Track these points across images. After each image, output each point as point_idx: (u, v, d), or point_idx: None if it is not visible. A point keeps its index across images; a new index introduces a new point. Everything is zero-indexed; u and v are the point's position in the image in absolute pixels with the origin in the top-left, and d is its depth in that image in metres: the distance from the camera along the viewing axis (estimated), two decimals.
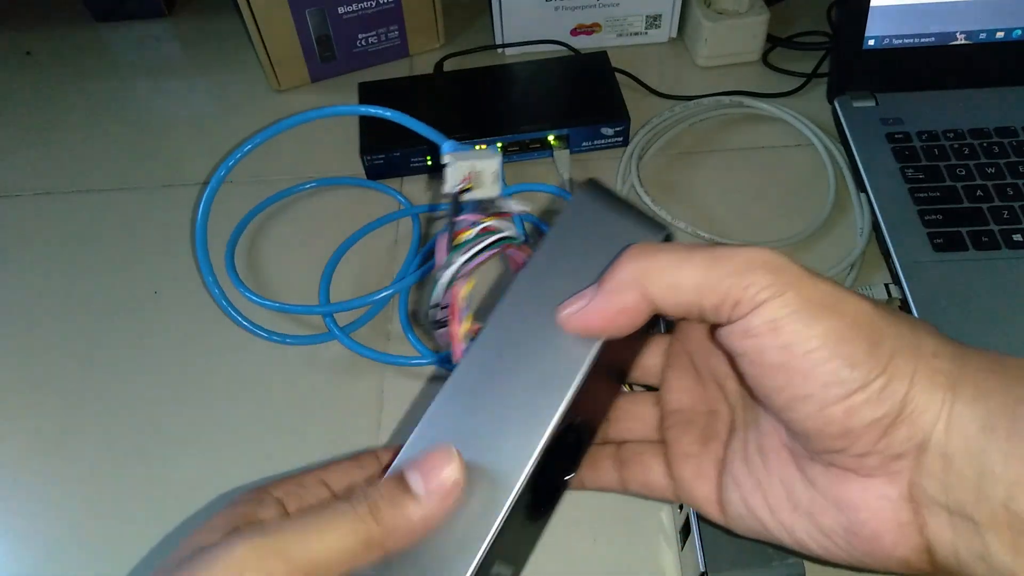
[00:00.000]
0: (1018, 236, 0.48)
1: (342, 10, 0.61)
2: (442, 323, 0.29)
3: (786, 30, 0.66)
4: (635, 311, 0.25)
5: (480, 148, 0.33)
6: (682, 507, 0.37)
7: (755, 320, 0.23)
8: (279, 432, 0.44)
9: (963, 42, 0.56)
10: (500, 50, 0.66)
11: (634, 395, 0.34)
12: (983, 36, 0.55)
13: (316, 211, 0.56)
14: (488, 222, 0.30)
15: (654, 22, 0.65)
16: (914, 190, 0.51)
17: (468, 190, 0.32)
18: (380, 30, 0.64)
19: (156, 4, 0.73)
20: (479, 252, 0.29)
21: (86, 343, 0.49)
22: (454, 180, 0.32)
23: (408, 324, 0.48)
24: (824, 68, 0.62)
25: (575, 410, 0.26)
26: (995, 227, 0.48)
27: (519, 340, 0.26)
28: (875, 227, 0.50)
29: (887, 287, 0.47)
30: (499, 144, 0.56)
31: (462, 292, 0.29)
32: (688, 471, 0.30)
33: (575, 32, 0.65)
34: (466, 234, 0.30)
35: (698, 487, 0.29)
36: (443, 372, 0.46)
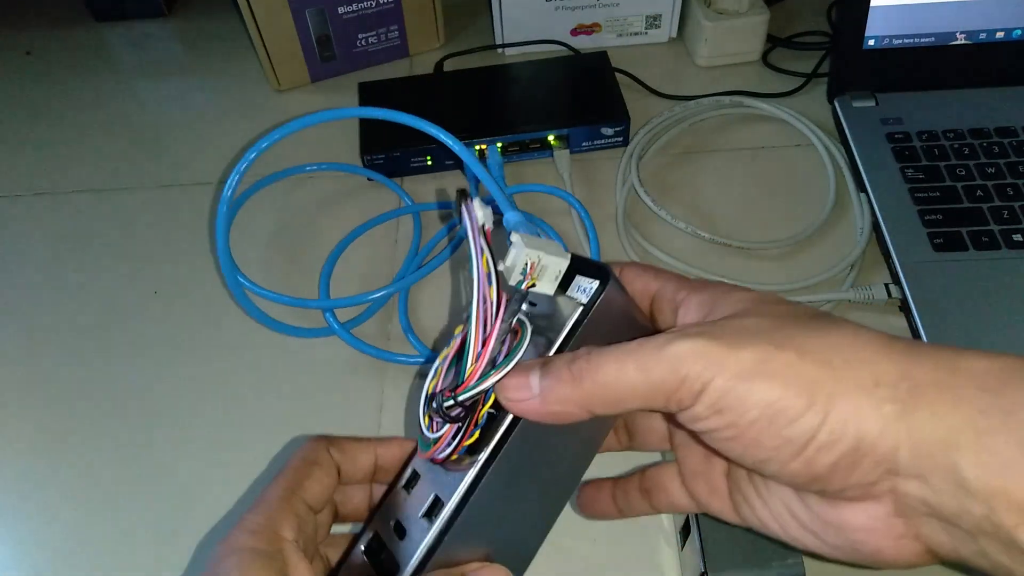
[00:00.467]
0: (1018, 236, 0.48)
1: (342, 10, 0.61)
2: (457, 418, 0.26)
3: (786, 30, 0.66)
4: (577, 418, 0.26)
5: (548, 239, 0.28)
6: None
7: (699, 408, 0.24)
8: (280, 428, 0.44)
9: (963, 42, 0.56)
10: (500, 50, 0.66)
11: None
12: (983, 36, 0.55)
13: (317, 207, 0.56)
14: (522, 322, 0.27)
15: (654, 22, 0.65)
16: (914, 190, 0.51)
17: (532, 286, 0.27)
18: (380, 30, 0.64)
19: (156, 4, 0.73)
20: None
21: (86, 343, 0.49)
22: (517, 267, 0.26)
23: (408, 324, 0.48)
24: (824, 68, 0.62)
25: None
26: (995, 227, 0.48)
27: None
28: (875, 227, 0.50)
29: (887, 287, 0.47)
30: (499, 144, 0.56)
31: (482, 411, 0.27)
32: (701, 489, 0.30)
33: (575, 32, 0.65)
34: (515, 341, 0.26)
35: (714, 503, 0.30)
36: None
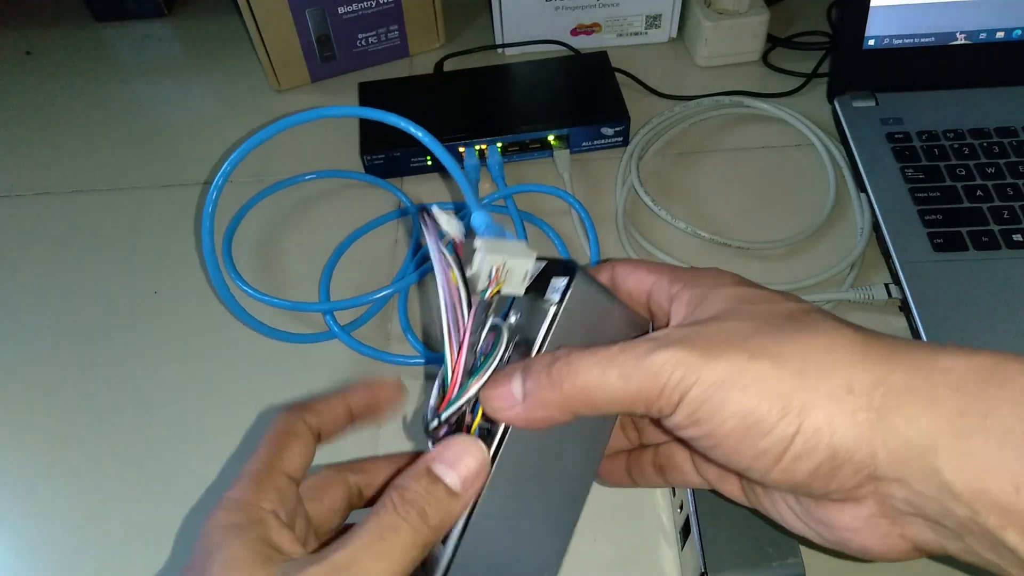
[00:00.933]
0: (1018, 236, 0.48)
1: (342, 10, 0.61)
2: (448, 436, 0.26)
3: (786, 30, 0.66)
4: (562, 420, 0.26)
5: (513, 239, 0.27)
6: (682, 507, 0.37)
7: (677, 418, 0.24)
8: None
9: (963, 42, 0.56)
10: (500, 50, 0.66)
11: None
12: (983, 36, 0.55)
13: (317, 209, 0.56)
14: (504, 329, 0.26)
15: (654, 22, 0.65)
16: (914, 190, 0.51)
17: (497, 293, 0.27)
18: (380, 30, 0.64)
19: (156, 4, 0.73)
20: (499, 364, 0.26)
21: (86, 343, 0.49)
22: (483, 273, 0.26)
23: (408, 324, 0.48)
24: (824, 68, 0.62)
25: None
26: (995, 227, 0.48)
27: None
28: (875, 227, 0.50)
29: (887, 287, 0.47)
30: (499, 144, 0.56)
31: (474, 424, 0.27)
32: (711, 473, 0.31)
33: (575, 32, 0.65)
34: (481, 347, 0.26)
35: (725, 486, 0.30)
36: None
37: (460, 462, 0.25)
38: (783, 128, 0.59)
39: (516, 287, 0.27)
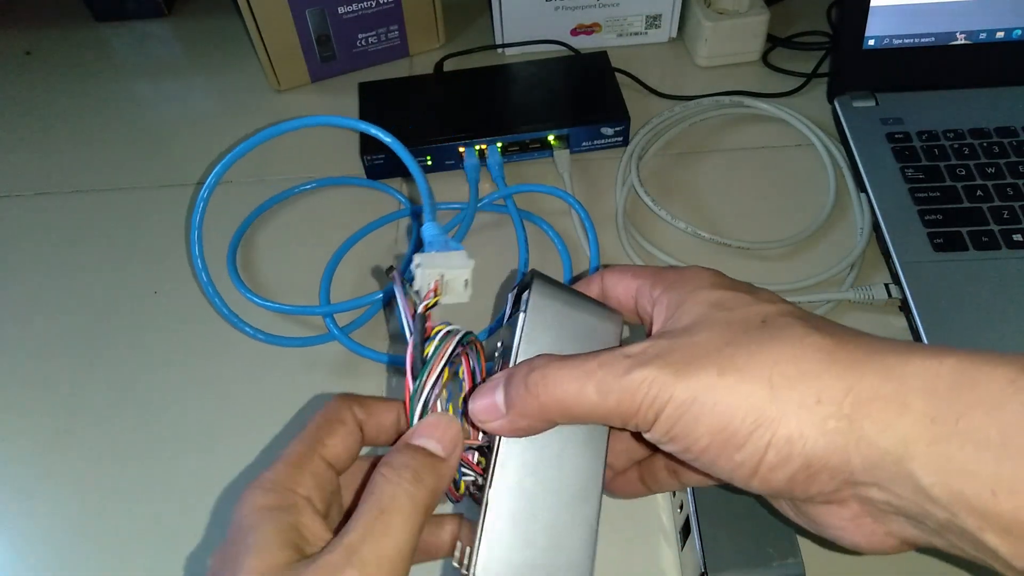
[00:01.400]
0: (1018, 236, 0.48)
1: (342, 10, 0.61)
2: None
3: (786, 30, 0.66)
4: (543, 429, 0.27)
5: (455, 251, 0.29)
6: (682, 507, 0.37)
7: (656, 434, 0.25)
8: (279, 432, 0.44)
9: (963, 42, 0.56)
10: (500, 50, 0.66)
11: None
12: (983, 36, 0.55)
13: (316, 212, 0.56)
14: (441, 327, 0.28)
15: (654, 22, 0.65)
16: (914, 190, 0.51)
17: (435, 304, 0.28)
18: (380, 30, 0.64)
19: (156, 4, 0.73)
20: (446, 365, 0.28)
21: (86, 343, 0.49)
22: (424, 289, 0.29)
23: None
24: (824, 68, 0.62)
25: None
26: (995, 227, 0.48)
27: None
28: (875, 227, 0.50)
29: (887, 287, 0.47)
30: (499, 144, 0.56)
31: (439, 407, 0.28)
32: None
33: (575, 32, 0.65)
34: (428, 349, 0.28)
35: (736, 476, 0.30)
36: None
37: (436, 431, 0.27)
38: (783, 128, 0.59)
39: (458, 296, 0.29)
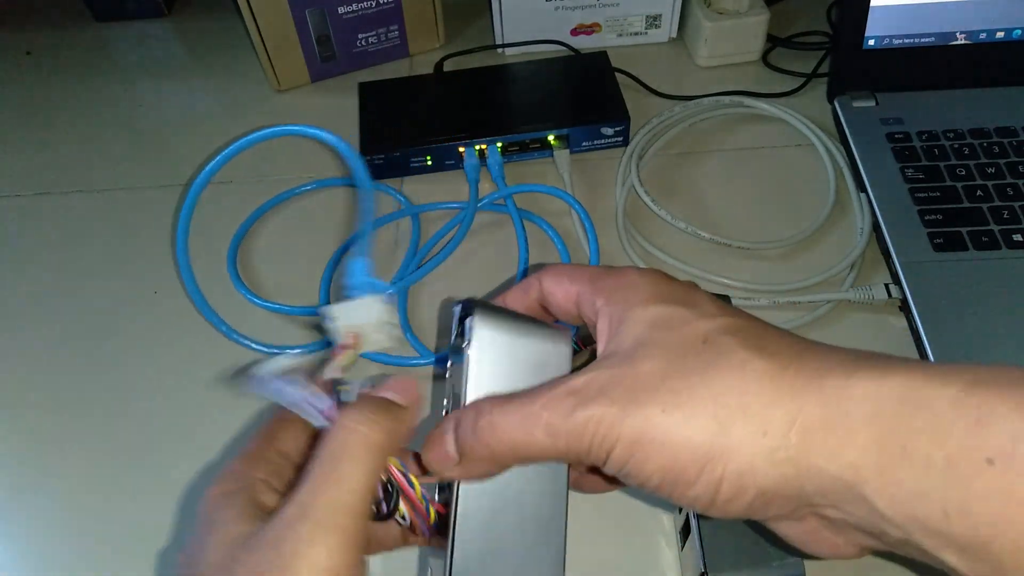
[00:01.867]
0: (1018, 236, 0.48)
1: (342, 10, 0.61)
2: (383, 516, 0.27)
3: (786, 30, 0.66)
4: (497, 472, 0.27)
5: (367, 298, 0.28)
6: (682, 508, 0.37)
7: (610, 470, 0.25)
8: None
9: (963, 42, 0.56)
10: (500, 50, 0.66)
11: None
12: (983, 36, 0.55)
13: (316, 212, 0.56)
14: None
15: (654, 22, 0.65)
16: (914, 190, 0.51)
17: (352, 362, 0.28)
18: (380, 30, 0.64)
19: (156, 4, 0.73)
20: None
21: (85, 343, 0.49)
22: (341, 339, 0.28)
23: (407, 324, 0.48)
24: (824, 68, 0.62)
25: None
26: (995, 227, 0.48)
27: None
28: (875, 227, 0.50)
29: (887, 287, 0.47)
30: (499, 144, 0.56)
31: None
32: None
33: (575, 32, 0.65)
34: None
35: None
36: (441, 371, 0.46)
37: (396, 386, 0.27)
38: (783, 128, 0.59)
39: (380, 344, 0.29)
